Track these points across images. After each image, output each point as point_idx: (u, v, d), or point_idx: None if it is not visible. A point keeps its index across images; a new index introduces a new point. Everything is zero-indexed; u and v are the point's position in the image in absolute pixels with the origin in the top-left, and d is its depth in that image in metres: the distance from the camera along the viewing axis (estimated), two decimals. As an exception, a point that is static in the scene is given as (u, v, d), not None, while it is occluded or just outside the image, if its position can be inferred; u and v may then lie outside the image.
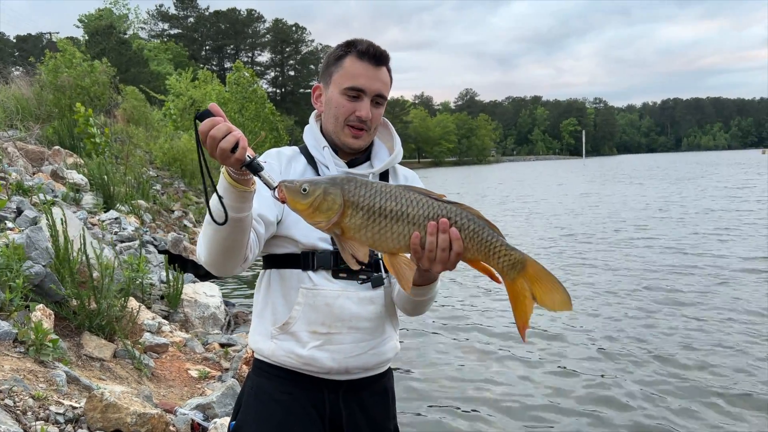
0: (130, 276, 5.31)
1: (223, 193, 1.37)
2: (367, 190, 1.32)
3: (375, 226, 1.31)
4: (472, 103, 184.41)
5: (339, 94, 1.68)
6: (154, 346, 4.37)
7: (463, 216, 1.34)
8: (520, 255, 1.36)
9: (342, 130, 1.70)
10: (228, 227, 1.40)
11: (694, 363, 5.46)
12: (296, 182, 1.33)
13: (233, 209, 1.38)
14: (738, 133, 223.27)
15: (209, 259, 1.50)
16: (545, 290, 1.37)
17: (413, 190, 1.35)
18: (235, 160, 1.29)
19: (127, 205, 10.07)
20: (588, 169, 61.18)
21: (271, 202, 1.60)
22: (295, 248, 1.65)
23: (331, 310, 1.62)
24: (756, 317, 6.73)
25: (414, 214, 1.32)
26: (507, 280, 1.37)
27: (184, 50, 68.70)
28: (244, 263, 1.53)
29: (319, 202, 1.30)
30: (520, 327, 1.39)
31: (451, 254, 1.33)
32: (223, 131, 1.28)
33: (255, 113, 27.85)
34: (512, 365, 5.65)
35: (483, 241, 1.34)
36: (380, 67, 1.68)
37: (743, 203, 19.39)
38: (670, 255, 10.71)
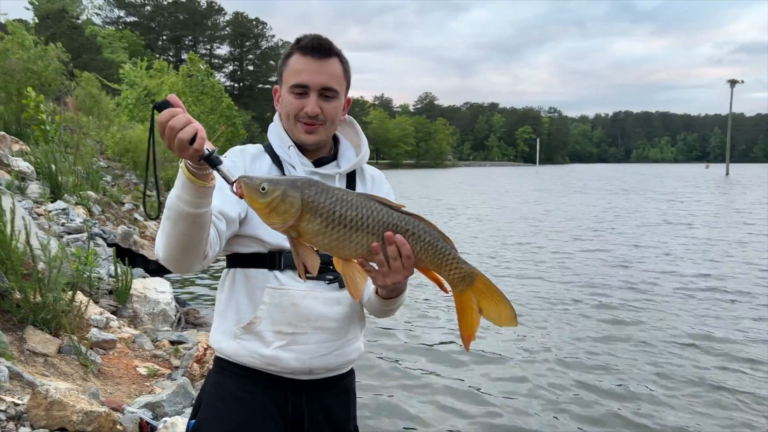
0: (78, 269, 5.16)
1: (181, 187, 1.35)
2: (328, 196, 1.31)
3: (333, 233, 1.30)
4: (431, 106, 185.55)
5: (287, 93, 1.68)
6: (101, 342, 4.25)
7: (420, 227, 1.36)
8: (470, 269, 1.40)
9: (295, 127, 1.70)
10: (186, 223, 1.37)
11: (636, 372, 5.66)
12: (256, 179, 1.30)
13: (191, 204, 1.36)
14: (684, 147, 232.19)
15: (167, 255, 1.47)
16: (492, 305, 1.41)
17: (374, 200, 1.35)
18: (193, 152, 1.27)
19: (75, 196, 9.75)
20: (541, 177, 62.49)
21: (234, 200, 1.58)
22: (262, 248, 1.64)
23: (297, 310, 1.62)
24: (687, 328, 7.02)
25: (372, 224, 1.32)
26: (456, 291, 1.41)
27: (139, 39, 66.91)
28: (204, 260, 1.50)
29: (276, 203, 1.29)
30: (464, 337, 1.44)
31: (404, 260, 1.35)
32: (183, 122, 1.26)
33: (211, 107, 27.37)
34: (474, 367, 5.72)
35: (437, 252, 1.37)
36: (325, 59, 1.66)
37: (687, 217, 20.15)
38: (608, 267, 11.04)
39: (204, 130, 1.30)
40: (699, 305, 7.97)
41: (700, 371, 5.56)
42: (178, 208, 1.37)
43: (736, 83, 69.82)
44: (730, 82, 69.79)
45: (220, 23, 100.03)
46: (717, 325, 7.01)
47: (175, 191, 1.38)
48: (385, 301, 1.63)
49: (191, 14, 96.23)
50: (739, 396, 4.98)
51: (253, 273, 1.64)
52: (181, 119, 1.26)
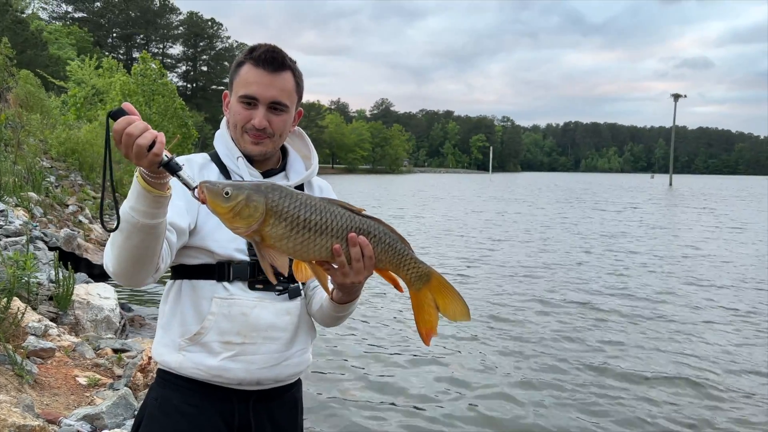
0: (15, 274, 4.94)
1: (136, 197, 1.32)
2: (292, 201, 1.33)
3: (297, 237, 1.33)
4: (388, 113, 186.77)
5: (236, 102, 1.67)
6: (38, 350, 4.07)
7: (380, 230, 1.42)
8: (426, 268, 1.47)
9: (242, 137, 1.68)
10: (140, 234, 1.35)
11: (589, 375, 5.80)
12: (219, 184, 1.30)
13: (147, 215, 1.33)
14: (630, 157, 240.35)
15: (118, 269, 1.43)
16: (447, 301, 1.48)
17: (335, 204, 1.39)
18: (152, 157, 1.25)
19: (15, 197, 9.37)
20: (494, 185, 63.52)
21: (184, 210, 1.56)
22: (210, 259, 1.61)
23: (247, 320, 1.59)
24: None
25: (336, 227, 1.36)
26: (413, 290, 1.47)
27: (88, 35, 64.90)
28: (156, 273, 1.48)
29: (240, 207, 1.29)
30: (423, 333, 1.49)
31: (365, 260, 1.40)
32: (140, 128, 1.24)
33: (164, 107, 26.76)
34: (422, 370, 5.75)
35: (396, 253, 1.43)
36: (277, 73, 1.65)
37: (632, 226, 20.83)
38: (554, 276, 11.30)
39: (163, 136, 1.27)
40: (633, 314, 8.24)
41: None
42: (132, 220, 1.34)
43: (679, 97, 72.74)
44: (674, 96, 72.66)
45: (173, 22, 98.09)
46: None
47: (128, 203, 1.35)
48: (339, 306, 1.62)
49: (143, 12, 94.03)
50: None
51: (200, 284, 1.61)
52: (138, 126, 1.24)
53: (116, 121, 1.25)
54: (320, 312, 1.70)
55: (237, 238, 1.58)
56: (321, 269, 1.42)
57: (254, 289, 1.62)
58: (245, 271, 1.61)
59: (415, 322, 1.50)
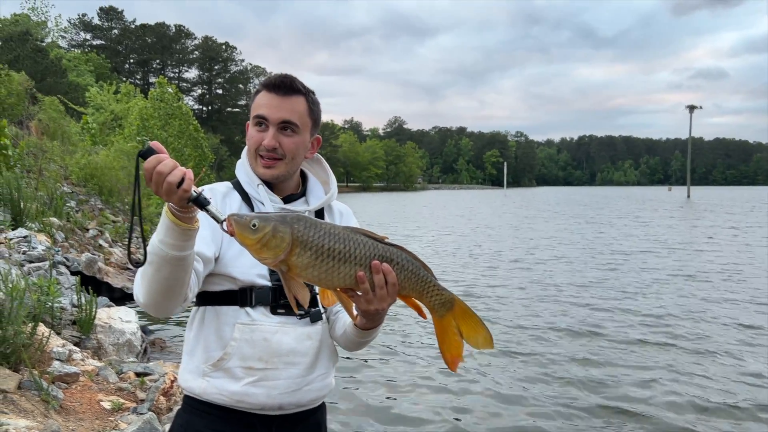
0: (40, 300, 5.01)
1: (165, 231, 1.38)
2: (316, 231, 1.37)
3: (322, 265, 1.36)
4: (401, 130, 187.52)
5: (251, 126, 1.74)
6: (63, 375, 4.13)
7: (403, 257, 1.45)
8: (449, 295, 1.48)
9: (255, 161, 1.73)
10: (170, 266, 1.41)
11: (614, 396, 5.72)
12: (246, 217, 1.35)
13: (176, 248, 1.39)
14: (647, 170, 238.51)
15: (149, 300, 1.49)
16: (470, 329, 1.50)
17: (358, 232, 1.42)
18: (181, 193, 1.30)
19: (37, 223, 9.51)
20: (510, 201, 63.19)
21: (209, 239, 1.61)
22: (233, 285, 1.65)
23: (269, 345, 1.62)
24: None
25: (360, 255, 1.39)
26: (436, 316, 1.49)
27: (106, 62, 66.17)
28: (185, 303, 1.53)
29: (268, 238, 1.33)
30: (449, 359, 1.51)
31: (389, 287, 1.43)
32: (170, 166, 1.30)
33: (179, 130, 27.10)
34: (443, 397, 5.71)
35: (419, 280, 1.46)
36: (287, 96, 1.70)
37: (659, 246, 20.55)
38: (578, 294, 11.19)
39: (191, 173, 1.33)
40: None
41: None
42: (162, 253, 1.39)
43: (694, 109, 72.27)
44: (689, 108, 72.20)
45: (188, 47, 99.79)
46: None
47: (157, 236, 1.40)
48: (363, 332, 1.65)
49: (159, 38, 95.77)
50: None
51: (223, 310, 1.65)
52: (168, 164, 1.30)
53: (146, 160, 1.31)
54: (344, 337, 1.73)
55: (258, 264, 1.61)
56: (346, 296, 1.45)
57: (276, 314, 1.65)
58: (267, 296, 1.64)
59: (440, 348, 1.51)
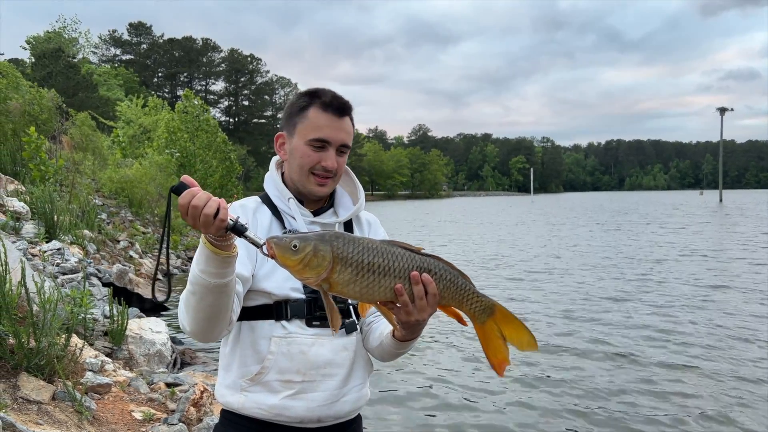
0: (73, 311, 5.10)
1: (205, 261, 1.40)
2: (355, 246, 1.39)
3: (363, 280, 1.38)
4: (425, 138, 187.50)
5: (304, 145, 1.72)
6: (96, 386, 4.18)
7: (441, 267, 1.47)
8: (489, 301, 1.50)
9: (307, 179, 1.73)
10: (213, 294, 1.44)
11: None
12: (285, 239, 1.37)
13: (218, 276, 1.41)
14: (677, 174, 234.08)
15: (195, 328, 1.52)
16: (513, 331, 1.51)
17: (395, 245, 1.44)
18: (218, 223, 1.32)
19: (70, 235, 9.71)
20: (537, 207, 62.59)
21: (246, 259, 1.63)
22: (268, 300, 1.66)
23: (306, 358, 1.63)
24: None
25: (399, 268, 1.41)
26: (477, 323, 1.50)
27: (134, 76, 67.60)
28: (230, 326, 1.56)
29: (309, 258, 1.35)
30: (495, 364, 1.52)
31: (429, 298, 1.44)
32: (204, 199, 1.32)
33: (207, 142, 27.50)
34: (484, 403, 5.63)
35: (458, 289, 1.47)
36: (344, 117, 1.73)
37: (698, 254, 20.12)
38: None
39: (224, 202, 1.35)
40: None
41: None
42: (204, 282, 1.42)
43: (726, 111, 70.85)
44: (720, 110, 70.82)
45: (215, 60, 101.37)
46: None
47: (198, 266, 1.43)
48: (401, 343, 1.65)
49: (187, 51, 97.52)
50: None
51: (259, 325, 1.66)
52: (201, 198, 1.32)
53: (180, 196, 1.34)
54: (380, 348, 1.72)
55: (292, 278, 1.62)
56: (386, 309, 1.47)
57: (312, 326, 1.66)
58: (302, 308, 1.65)
59: (485, 354, 1.52)
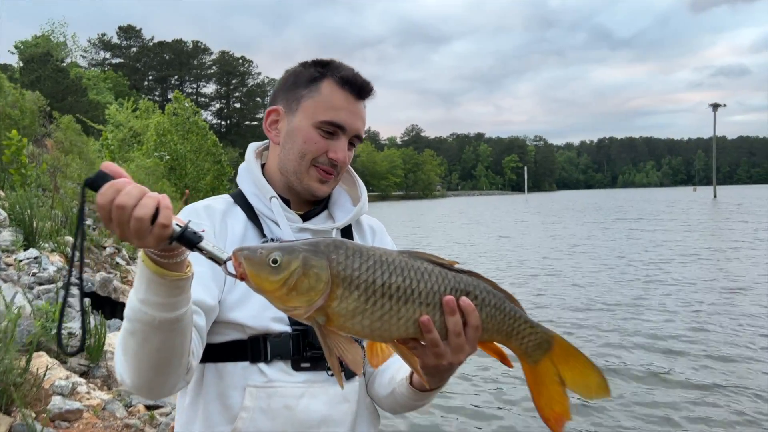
0: (45, 326, 4.68)
1: (147, 287, 0.96)
2: (363, 260, 0.95)
3: (375, 310, 0.94)
4: (418, 138, 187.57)
5: (311, 126, 1.29)
6: (64, 413, 3.74)
7: (483, 289, 1.03)
8: (545, 332, 1.08)
9: (307, 171, 1.31)
10: (161, 334, 0.99)
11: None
12: (261, 250, 0.92)
13: (165, 307, 0.97)
14: (669, 171, 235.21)
15: (139, 381, 1.07)
16: (577, 373, 1.07)
17: (419, 257, 0.99)
18: (159, 231, 0.88)
19: (51, 242, 9.27)
20: (532, 206, 62.30)
21: (209, 280, 1.19)
22: (241, 334, 1.23)
23: (293, 415, 1.21)
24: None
25: (426, 291, 0.97)
26: (528, 362, 1.09)
27: (124, 79, 67.01)
28: (188, 374, 1.11)
29: (296, 278, 0.91)
30: (551, 419, 1.07)
31: (469, 332, 1.00)
32: (135, 195, 0.87)
33: (197, 145, 27.03)
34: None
35: (506, 317, 1.06)
36: (362, 101, 1.34)
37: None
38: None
39: (167, 199, 0.90)
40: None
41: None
42: (146, 318, 0.97)
43: (718, 107, 70.92)
44: (713, 106, 70.88)
45: (206, 62, 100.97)
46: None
47: (137, 295, 0.98)
48: (422, 394, 1.21)
49: (177, 54, 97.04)
50: None
51: (228, 368, 1.23)
52: (131, 193, 0.87)
53: (99, 192, 0.88)
54: (391, 398, 1.29)
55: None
56: (407, 349, 1.00)
57: (300, 370, 1.23)
58: (287, 346, 1.22)
59: (536, 405, 1.08)
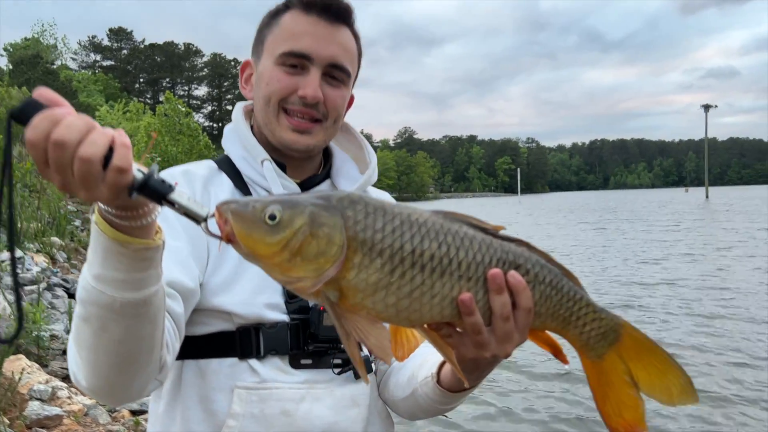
0: (24, 328, 4.47)
1: (103, 258, 0.72)
2: (388, 219, 0.72)
3: (404, 284, 0.72)
4: (411, 140, 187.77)
5: (273, 65, 1.09)
6: (42, 419, 3.53)
7: (535, 262, 0.81)
8: (613, 319, 0.85)
9: (277, 119, 1.10)
10: (122, 321, 0.76)
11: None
12: (254, 203, 0.69)
13: (128, 286, 0.73)
14: (660, 172, 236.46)
15: (96, 382, 0.82)
16: (653, 371, 0.83)
17: (455, 219, 0.77)
18: (114, 177, 0.64)
19: (36, 243, 9.05)
20: (526, 208, 62.19)
21: (187, 256, 0.97)
22: (228, 324, 1.03)
23: (292, 423, 1.00)
24: None
25: (468, 261, 0.75)
26: (590, 356, 0.85)
27: (115, 81, 66.59)
28: (160, 373, 0.88)
29: (301, 240, 0.69)
30: (621, 429, 0.83)
31: (519, 317, 0.78)
32: (80, 128, 0.64)
33: (189, 147, 26.76)
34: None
35: (563, 299, 0.82)
36: (337, 25, 1.10)
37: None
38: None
39: (124, 135, 0.67)
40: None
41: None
42: (103, 299, 0.74)
43: (710, 108, 71.26)
44: (704, 107, 71.24)
45: (197, 64, 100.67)
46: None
47: (91, 270, 0.75)
48: (452, 395, 1.01)
49: (169, 57, 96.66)
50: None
51: (213, 366, 1.02)
52: (74, 125, 0.64)
53: (29, 126, 0.64)
54: (411, 401, 1.08)
55: (268, 288, 0.99)
56: (439, 337, 0.79)
57: (300, 367, 1.02)
58: (284, 338, 1.02)
59: (601, 412, 0.85)
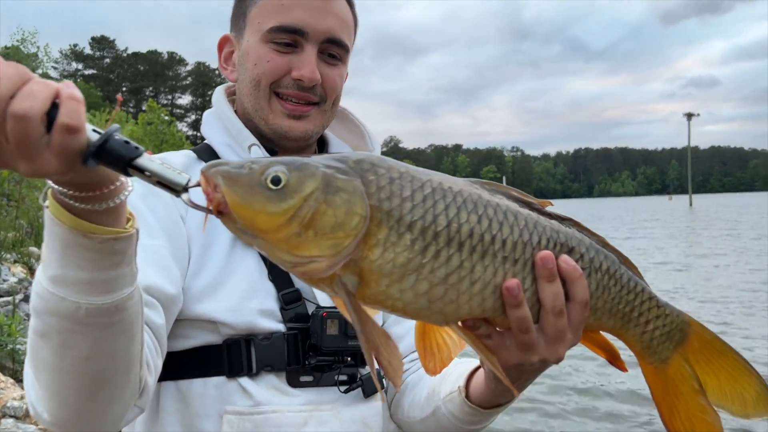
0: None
1: (61, 257, 0.57)
2: (417, 186, 0.58)
3: (438, 267, 0.58)
4: (397, 149, 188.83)
5: (260, 42, 0.94)
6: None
7: (589, 246, 0.66)
8: (679, 316, 0.74)
9: (269, 104, 0.96)
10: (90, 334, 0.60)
11: None
12: (251, 165, 0.57)
13: (94, 288, 0.58)
14: (644, 180, 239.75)
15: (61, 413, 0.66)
16: (725, 378, 0.72)
17: (496, 190, 0.63)
18: (62, 144, 0.51)
19: (14, 253, 8.84)
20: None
21: (166, 254, 0.81)
22: (214, 335, 0.87)
23: None
24: None
25: (513, 241, 0.61)
26: (652, 361, 0.73)
27: (97, 90, 66.03)
28: (140, 398, 0.72)
29: (314, 209, 0.55)
30: None
31: (574, 310, 0.64)
32: (12, 78, 0.51)
33: (173, 155, 26.61)
34: None
35: (623, 291, 0.68)
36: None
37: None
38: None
39: (75, 87, 0.53)
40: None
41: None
42: (64, 307, 0.58)
43: (692, 116, 72.21)
44: (687, 116, 72.15)
45: (181, 73, 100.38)
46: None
47: (47, 271, 0.59)
48: (483, 412, 0.85)
49: (152, 65, 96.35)
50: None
51: (196, 388, 0.86)
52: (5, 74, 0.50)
53: None
54: (432, 421, 0.92)
55: (260, 292, 0.84)
56: (477, 337, 0.64)
57: (299, 386, 0.87)
58: (280, 351, 0.86)
59: (667, 423, 0.71)
